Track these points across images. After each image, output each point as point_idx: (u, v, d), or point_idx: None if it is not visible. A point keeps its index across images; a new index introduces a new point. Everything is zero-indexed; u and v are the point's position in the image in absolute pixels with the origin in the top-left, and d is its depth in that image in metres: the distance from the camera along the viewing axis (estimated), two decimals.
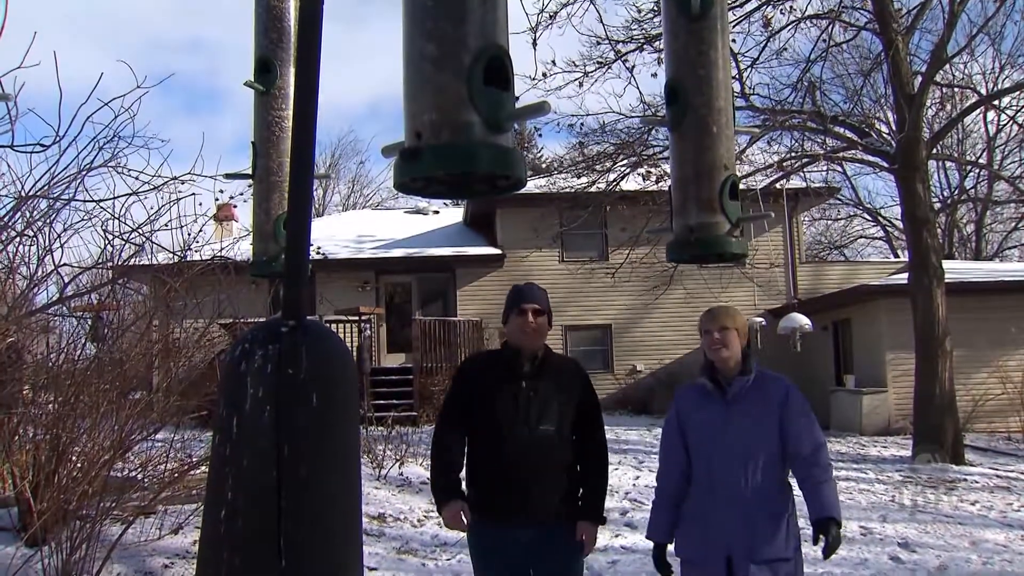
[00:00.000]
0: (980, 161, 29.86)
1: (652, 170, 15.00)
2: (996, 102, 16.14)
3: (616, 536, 7.71)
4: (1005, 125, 26.44)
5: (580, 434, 3.69)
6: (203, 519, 1.01)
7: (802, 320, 17.19)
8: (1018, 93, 15.58)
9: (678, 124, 1.32)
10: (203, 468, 7.31)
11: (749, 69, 14.43)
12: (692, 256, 1.36)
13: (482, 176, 0.90)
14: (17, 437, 6.20)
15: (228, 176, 2.79)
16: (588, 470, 3.71)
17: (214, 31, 68.65)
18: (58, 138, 4.96)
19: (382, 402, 16.52)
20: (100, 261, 6.53)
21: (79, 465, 6.14)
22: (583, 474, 3.70)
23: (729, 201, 1.29)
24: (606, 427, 3.84)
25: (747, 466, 3.46)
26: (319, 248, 17.03)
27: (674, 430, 3.67)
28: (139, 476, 6.90)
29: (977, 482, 11.15)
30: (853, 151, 15.36)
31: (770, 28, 14.02)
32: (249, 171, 2.20)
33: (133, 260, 6.59)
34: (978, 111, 18.76)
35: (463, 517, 3.56)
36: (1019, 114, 16.67)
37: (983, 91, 18.50)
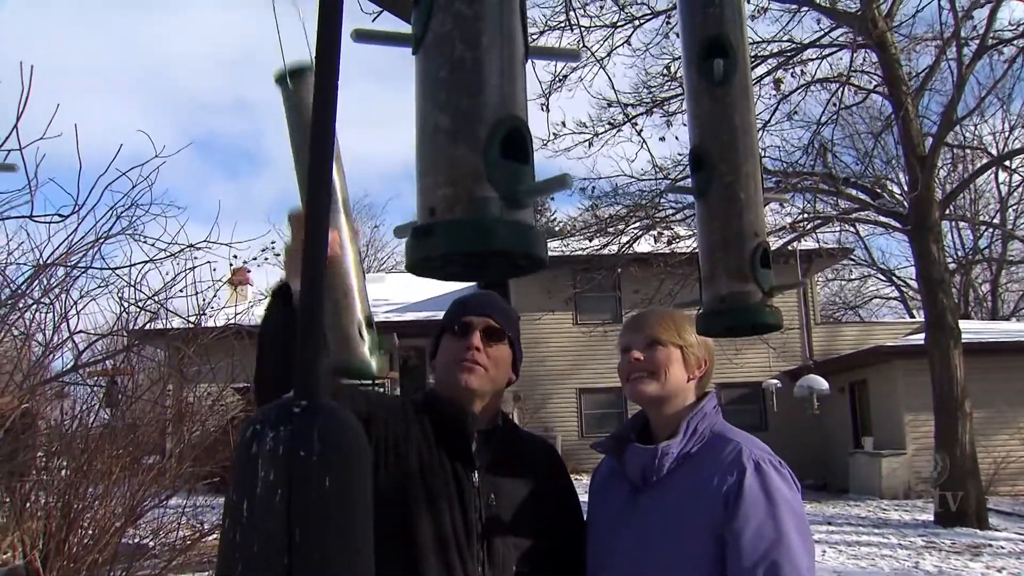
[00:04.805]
0: (993, 221, 29.92)
1: (664, 232, 15.06)
2: (1007, 162, 16.21)
3: None
4: (1018, 186, 26.48)
5: None
6: None
7: (819, 382, 17.03)
8: None
9: (704, 192, 1.29)
10: (215, 535, 7.23)
11: (761, 131, 14.57)
12: (726, 328, 1.32)
13: (500, 254, 0.86)
14: (29, 504, 6.15)
15: (265, 251, 2.80)
16: None
17: (258, 91, 69.88)
18: (77, 207, 5.01)
19: None
20: (115, 328, 6.56)
21: (90, 532, 6.08)
22: None
23: (761, 269, 1.26)
24: None
25: None
26: None
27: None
28: (150, 543, 6.83)
29: (1003, 547, 10.90)
30: (866, 212, 15.41)
31: (781, 90, 14.18)
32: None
33: (148, 326, 6.62)
34: (990, 171, 18.84)
35: None
36: None
37: (994, 152, 18.55)
